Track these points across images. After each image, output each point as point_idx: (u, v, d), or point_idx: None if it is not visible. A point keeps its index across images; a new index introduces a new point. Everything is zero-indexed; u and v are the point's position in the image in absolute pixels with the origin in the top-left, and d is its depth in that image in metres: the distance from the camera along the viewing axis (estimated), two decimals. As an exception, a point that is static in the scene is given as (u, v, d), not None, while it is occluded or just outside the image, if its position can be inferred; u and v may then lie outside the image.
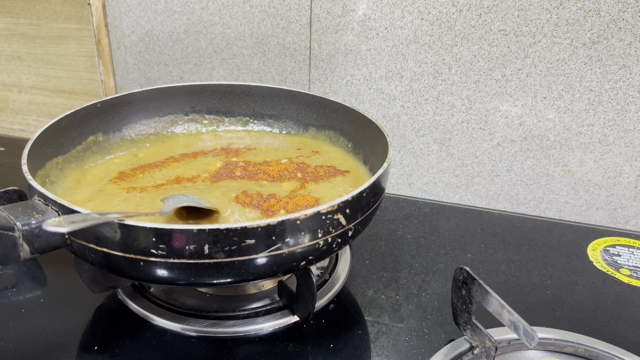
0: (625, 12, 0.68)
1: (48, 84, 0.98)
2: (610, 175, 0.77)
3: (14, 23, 0.95)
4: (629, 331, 0.53)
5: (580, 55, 0.72)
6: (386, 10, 0.77)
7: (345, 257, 0.62)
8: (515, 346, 0.50)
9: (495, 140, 0.79)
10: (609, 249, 0.66)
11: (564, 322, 0.54)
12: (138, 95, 0.68)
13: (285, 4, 0.81)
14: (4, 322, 0.52)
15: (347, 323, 0.53)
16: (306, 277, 0.49)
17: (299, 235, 0.43)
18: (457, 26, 0.75)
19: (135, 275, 0.44)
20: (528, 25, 0.72)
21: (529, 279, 0.61)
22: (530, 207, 0.82)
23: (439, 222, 0.72)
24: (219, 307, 0.54)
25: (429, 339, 0.51)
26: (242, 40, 0.86)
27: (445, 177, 0.84)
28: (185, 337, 0.51)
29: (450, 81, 0.78)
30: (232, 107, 0.72)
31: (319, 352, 0.49)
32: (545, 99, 0.75)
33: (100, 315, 0.53)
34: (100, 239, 0.42)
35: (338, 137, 0.68)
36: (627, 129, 0.74)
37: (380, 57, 0.80)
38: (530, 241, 0.68)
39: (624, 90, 0.72)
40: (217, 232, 0.40)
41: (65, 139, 0.61)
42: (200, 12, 0.86)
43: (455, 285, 0.49)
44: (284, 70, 0.86)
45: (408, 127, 0.83)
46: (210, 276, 0.43)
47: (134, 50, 0.93)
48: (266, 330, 0.52)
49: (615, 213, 0.79)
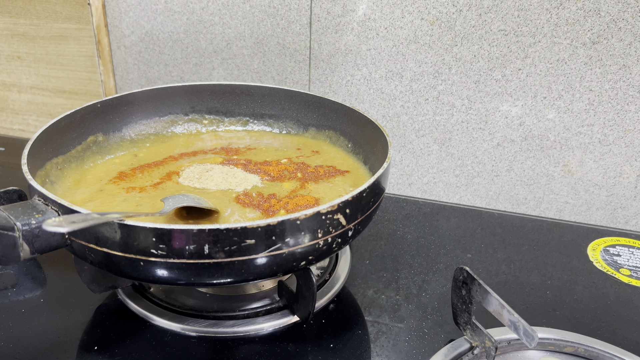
0: (625, 12, 0.68)
1: (48, 84, 0.98)
2: (610, 175, 0.77)
3: (14, 23, 0.95)
4: (629, 331, 0.53)
5: (580, 55, 0.72)
6: (386, 10, 0.77)
7: (345, 257, 0.62)
8: (515, 346, 0.50)
9: (495, 140, 0.79)
10: (609, 249, 0.66)
11: (564, 322, 0.54)
12: (138, 95, 0.68)
13: (285, 4, 0.81)
14: (4, 322, 0.52)
15: (347, 323, 0.53)
16: (306, 277, 0.49)
17: (299, 235, 0.43)
18: (457, 26, 0.75)
19: (135, 275, 0.44)
20: (528, 25, 0.72)
21: (529, 279, 0.61)
22: (530, 207, 0.82)
23: (439, 222, 0.72)
24: (219, 307, 0.54)
25: (429, 339, 0.51)
26: (242, 40, 0.86)
27: (445, 177, 0.84)
28: (185, 337, 0.51)
29: (450, 81, 0.78)
30: (232, 107, 0.72)
31: (319, 352, 0.49)
32: (545, 99, 0.75)
33: (100, 315, 0.53)
34: (100, 239, 0.42)
35: (338, 137, 0.68)
36: (627, 129, 0.74)
37: (380, 57, 0.80)
38: (530, 241, 0.68)
39: (624, 90, 0.72)
40: (217, 232, 0.40)
41: (65, 139, 0.61)
42: (200, 12, 0.86)
43: (455, 285, 0.49)
44: (284, 70, 0.86)
45: (408, 127, 0.83)
46: (210, 276, 0.43)
47: (134, 50, 0.93)
48: (266, 330, 0.52)
49: (615, 213, 0.79)
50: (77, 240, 0.44)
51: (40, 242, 0.42)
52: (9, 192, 0.54)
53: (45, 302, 0.55)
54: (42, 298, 0.55)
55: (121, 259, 0.42)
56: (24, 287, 0.57)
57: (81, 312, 0.53)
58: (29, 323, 0.52)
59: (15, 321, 0.52)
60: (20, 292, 0.56)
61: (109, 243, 0.42)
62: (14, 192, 0.55)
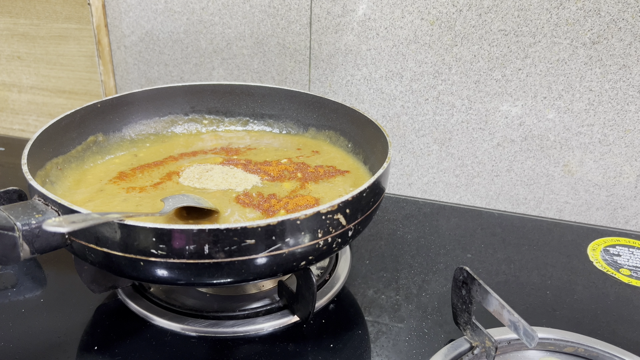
0: (625, 12, 0.68)
1: (48, 84, 0.98)
2: (610, 175, 0.77)
3: (14, 23, 0.95)
4: (629, 331, 0.53)
5: (580, 55, 0.72)
6: (386, 10, 0.77)
7: (345, 257, 0.62)
8: (515, 346, 0.50)
9: (495, 140, 0.79)
10: (609, 249, 0.66)
11: (564, 322, 0.54)
12: (138, 95, 0.68)
13: (285, 4, 0.81)
14: (4, 322, 0.52)
15: (347, 323, 0.53)
16: (306, 277, 0.49)
17: (299, 235, 0.43)
18: (457, 26, 0.75)
19: (135, 275, 0.44)
20: (528, 25, 0.72)
21: (529, 279, 0.61)
22: (530, 207, 0.82)
23: (439, 222, 0.72)
24: (219, 307, 0.54)
25: (429, 339, 0.51)
26: (242, 40, 0.86)
27: (445, 177, 0.84)
28: (185, 337, 0.51)
29: (450, 81, 0.78)
30: (232, 107, 0.72)
31: (319, 352, 0.49)
32: (545, 99, 0.75)
33: (100, 315, 0.53)
34: (100, 239, 0.42)
35: (338, 137, 0.68)
36: (627, 129, 0.74)
37: (380, 57, 0.80)
38: (530, 241, 0.68)
39: (624, 90, 0.72)
40: (217, 232, 0.40)
41: (65, 139, 0.61)
42: (200, 12, 0.86)
43: (455, 285, 0.49)
44: (284, 70, 0.86)
45: (408, 127, 0.83)
46: (210, 276, 0.43)
47: (134, 50, 0.93)
48: (266, 330, 0.52)
49: (615, 213, 0.79)
50: (77, 240, 0.44)
51: (40, 242, 0.42)
52: (9, 192, 0.54)
53: (45, 302, 0.55)
54: (42, 298, 0.55)
55: (121, 259, 0.42)
56: (24, 287, 0.57)
57: (81, 312, 0.53)
58: (29, 323, 0.52)
59: (15, 321, 0.52)
60: (20, 292, 0.56)
61: (109, 243, 0.42)
62: (14, 192, 0.55)
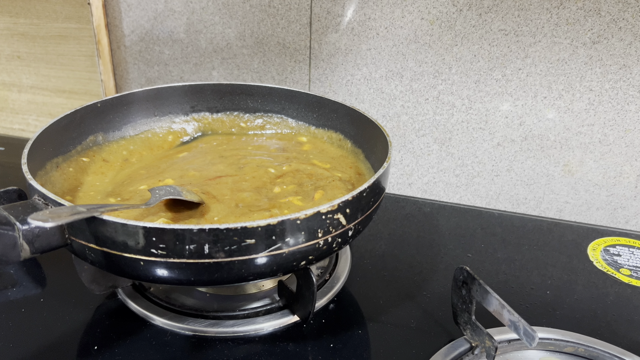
0: (625, 12, 0.68)
1: (48, 83, 0.98)
2: (610, 175, 0.77)
3: (14, 23, 0.95)
4: (629, 331, 0.53)
5: (581, 55, 0.72)
6: (386, 10, 0.77)
7: (345, 257, 0.62)
8: (515, 346, 0.50)
9: (496, 140, 0.79)
10: (609, 248, 0.66)
11: (564, 322, 0.54)
12: (138, 95, 0.68)
13: (285, 4, 0.81)
14: (4, 322, 0.52)
15: (347, 323, 0.53)
16: (306, 277, 0.49)
17: (299, 235, 0.43)
18: (457, 26, 0.75)
19: (135, 275, 0.44)
20: (528, 25, 0.72)
21: (529, 279, 0.61)
22: (530, 207, 0.82)
23: (439, 222, 0.72)
24: (219, 307, 0.54)
25: (429, 339, 0.51)
26: (242, 40, 0.86)
27: (445, 177, 0.84)
28: (185, 337, 0.51)
29: (450, 81, 0.78)
30: (232, 106, 0.72)
31: (319, 352, 0.49)
32: (545, 99, 0.75)
33: (100, 315, 0.53)
34: (100, 239, 0.42)
35: (338, 136, 0.68)
36: (627, 129, 0.74)
37: (380, 56, 0.80)
38: (530, 241, 0.68)
39: (624, 90, 0.72)
40: (217, 231, 0.40)
41: (65, 138, 0.61)
42: (200, 12, 0.86)
43: (455, 285, 0.49)
44: (284, 70, 0.86)
45: (408, 127, 0.83)
46: (210, 276, 0.43)
47: (133, 50, 0.93)
48: (266, 330, 0.52)
49: (615, 213, 0.79)
50: (77, 240, 0.43)
51: (40, 241, 0.42)
52: (9, 192, 0.54)
53: (45, 302, 0.55)
54: (42, 298, 0.55)
55: (121, 259, 0.42)
56: (24, 287, 0.57)
57: (81, 312, 0.53)
58: (29, 323, 0.52)
59: (15, 321, 0.52)
60: (20, 292, 0.56)
61: (108, 243, 0.42)
62: (14, 191, 0.55)
